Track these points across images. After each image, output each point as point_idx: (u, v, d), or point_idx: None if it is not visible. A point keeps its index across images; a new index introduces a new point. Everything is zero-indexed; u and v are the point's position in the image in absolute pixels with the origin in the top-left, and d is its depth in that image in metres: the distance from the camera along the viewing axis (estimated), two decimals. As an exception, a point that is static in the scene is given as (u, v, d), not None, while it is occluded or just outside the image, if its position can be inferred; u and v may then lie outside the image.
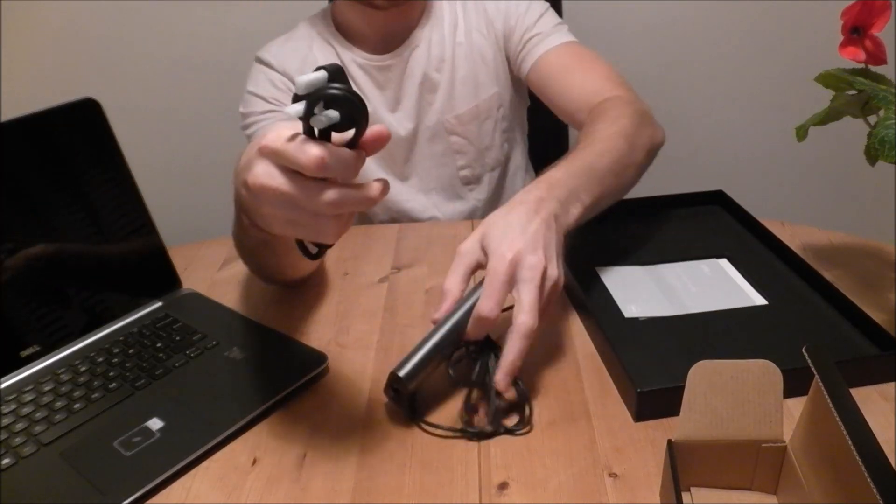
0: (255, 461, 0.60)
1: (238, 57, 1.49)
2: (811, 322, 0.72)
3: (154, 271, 0.81)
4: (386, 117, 1.02)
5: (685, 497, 0.54)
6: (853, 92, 0.67)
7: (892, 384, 0.64)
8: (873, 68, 0.67)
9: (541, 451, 0.59)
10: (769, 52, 1.56)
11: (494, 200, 1.13)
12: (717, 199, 0.95)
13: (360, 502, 0.55)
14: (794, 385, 0.63)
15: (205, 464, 0.60)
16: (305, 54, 1.00)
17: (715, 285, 0.78)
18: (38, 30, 1.45)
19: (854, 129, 0.71)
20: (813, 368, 0.48)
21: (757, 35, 1.55)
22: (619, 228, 0.91)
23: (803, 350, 0.51)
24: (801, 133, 0.72)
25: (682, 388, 0.61)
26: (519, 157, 1.14)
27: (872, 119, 0.64)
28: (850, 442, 0.41)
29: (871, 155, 0.62)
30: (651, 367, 0.66)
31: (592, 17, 1.50)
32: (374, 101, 1.01)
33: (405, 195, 1.08)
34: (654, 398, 0.60)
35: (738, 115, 1.65)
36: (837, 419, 0.43)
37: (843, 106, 0.69)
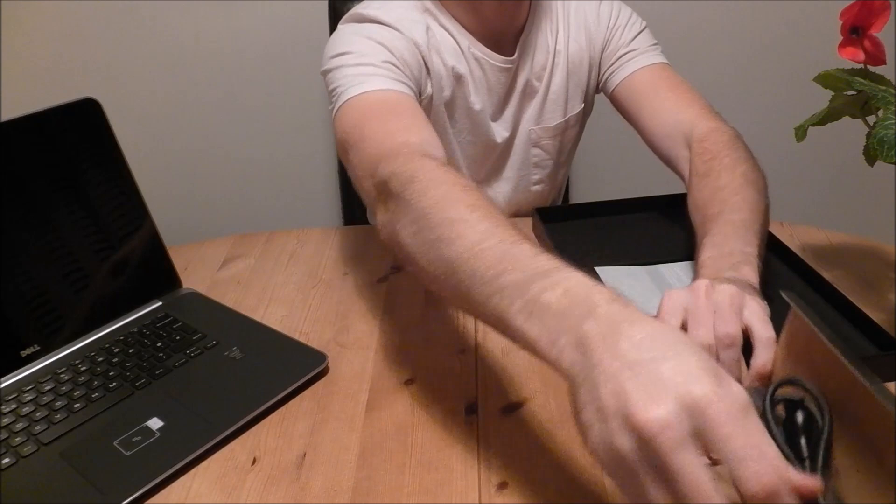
0: (254, 461, 0.60)
1: (238, 57, 1.49)
2: (811, 322, 0.72)
3: (154, 271, 0.81)
4: (488, 124, 0.95)
5: None
6: (852, 92, 0.67)
7: (892, 384, 0.64)
8: (872, 68, 0.67)
9: (541, 451, 0.59)
10: (768, 53, 1.56)
11: None
12: (717, 200, 0.95)
13: (360, 502, 0.55)
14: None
15: (205, 463, 0.60)
16: (423, 26, 0.86)
17: (714, 285, 0.78)
18: (38, 30, 1.45)
19: (853, 130, 0.71)
20: (791, 302, 0.50)
21: (756, 35, 1.55)
22: (619, 228, 0.91)
23: (781, 293, 0.51)
24: (801, 133, 0.72)
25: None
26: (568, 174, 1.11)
27: (871, 119, 0.64)
28: (829, 343, 0.44)
29: (870, 155, 0.62)
30: (651, 366, 0.65)
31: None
32: (482, 104, 0.93)
33: None
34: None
35: (737, 115, 1.64)
36: (816, 330, 0.45)
37: (843, 106, 0.69)
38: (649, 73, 0.94)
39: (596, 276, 0.80)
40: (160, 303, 0.80)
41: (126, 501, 0.55)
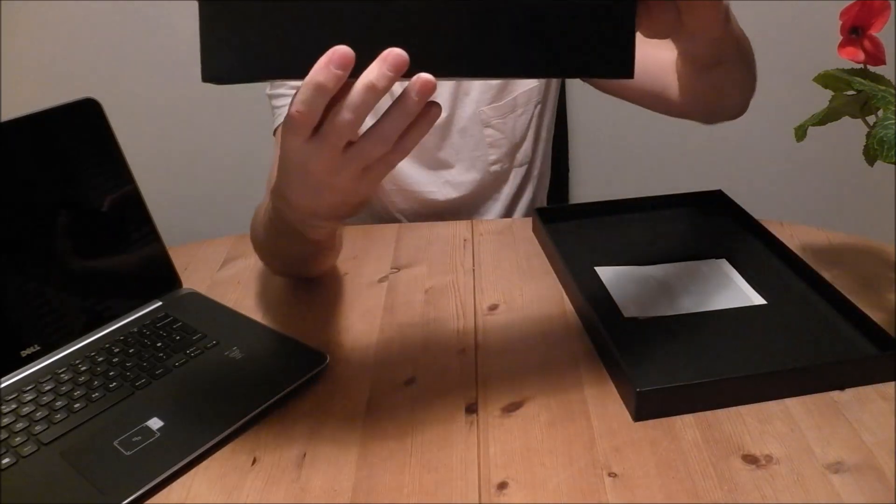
0: (254, 461, 0.60)
1: (238, 57, 1.50)
2: (810, 322, 0.72)
3: (154, 271, 0.81)
4: None
5: None
6: (852, 92, 0.67)
7: (892, 384, 0.64)
8: (872, 68, 0.67)
9: (540, 451, 0.59)
10: (768, 52, 1.56)
11: (517, 198, 1.12)
12: (717, 199, 0.95)
13: (360, 502, 0.56)
14: (795, 385, 0.63)
15: (205, 463, 0.60)
16: None
17: (714, 285, 0.78)
18: (38, 30, 1.45)
19: (853, 130, 0.71)
20: None
21: (756, 35, 1.54)
22: (619, 228, 0.91)
23: None
24: (800, 133, 0.72)
25: (682, 388, 0.61)
26: (542, 155, 1.14)
27: (871, 119, 0.65)
28: None
29: (870, 155, 0.62)
30: (650, 366, 0.66)
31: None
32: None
33: (433, 185, 1.06)
34: (653, 398, 0.60)
35: (737, 115, 1.64)
36: None
37: (842, 106, 0.69)
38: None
39: (596, 277, 0.81)
40: (160, 303, 0.80)
41: (126, 501, 0.55)
